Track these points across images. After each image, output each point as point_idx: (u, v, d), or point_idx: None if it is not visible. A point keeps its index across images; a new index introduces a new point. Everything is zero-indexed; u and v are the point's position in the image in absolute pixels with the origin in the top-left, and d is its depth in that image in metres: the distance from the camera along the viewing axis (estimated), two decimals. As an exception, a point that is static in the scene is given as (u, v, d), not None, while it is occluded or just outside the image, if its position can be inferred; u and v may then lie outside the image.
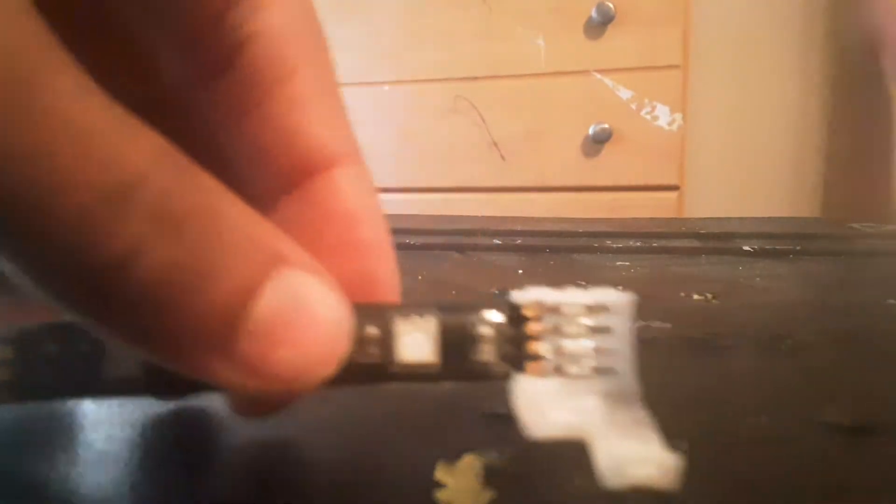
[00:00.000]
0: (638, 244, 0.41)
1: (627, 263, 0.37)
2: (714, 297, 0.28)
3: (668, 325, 0.24)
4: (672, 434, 0.11)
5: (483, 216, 0.66)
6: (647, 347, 0.25)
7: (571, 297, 0.12)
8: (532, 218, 0.59)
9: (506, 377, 0.12)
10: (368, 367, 0.12)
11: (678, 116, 0.85)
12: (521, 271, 0.45)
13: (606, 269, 0.36)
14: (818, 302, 0.30)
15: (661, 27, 0.83)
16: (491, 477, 0.15)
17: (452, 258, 0.42)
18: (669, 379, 0.20)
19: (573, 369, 0.12)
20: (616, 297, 0.12)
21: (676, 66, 0.84)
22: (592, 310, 0.12)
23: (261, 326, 0.10)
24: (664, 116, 0.85)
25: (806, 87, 1.00)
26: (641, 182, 0.86)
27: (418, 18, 0.89)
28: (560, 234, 0.46)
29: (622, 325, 0.12)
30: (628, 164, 0.86)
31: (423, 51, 0.90)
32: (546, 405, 0.12)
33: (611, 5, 0.82)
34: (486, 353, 0.12)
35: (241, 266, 0.10)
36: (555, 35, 0.86)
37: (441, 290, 0.34)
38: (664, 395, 0.13)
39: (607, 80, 0.85)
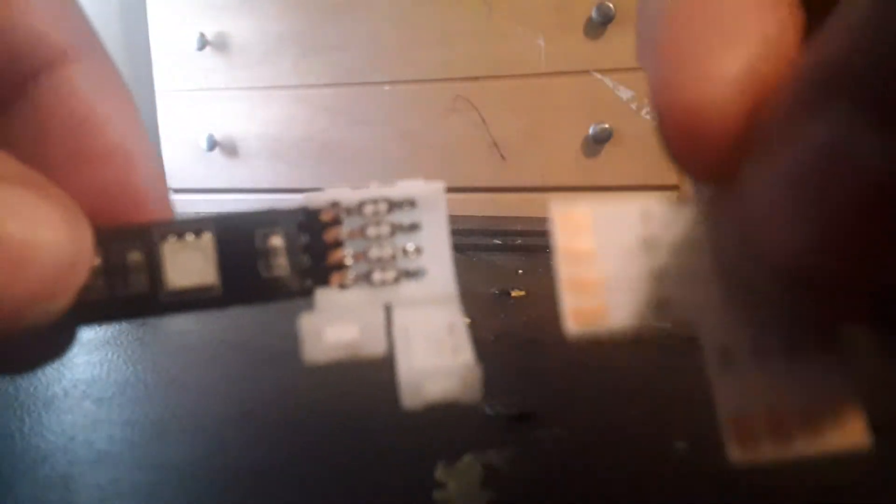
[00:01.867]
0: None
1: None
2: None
3: (667, 324, 0.24)
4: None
5: (483, 216, 0.66)
6: (643, 347, 0.24)
7: (373, 193, 0.11)
8: (532, 218, 0.59)
9: (306, 293, 0.11)
10: (133, 299, 0.10)
11: (678, 116, 0.84)
12: (521, 271, 0.45)
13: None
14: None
15: (661, 27, 0.83)
16: (490, 477, 0.15)
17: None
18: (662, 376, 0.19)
19: (378, 276, 0.11)
20: (424, 188, 0.11)
21: (676, 66, 0.84)
22: (398, 205, 0.11)
23: None
24: (664, 116, 0.84)
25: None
26: (641, 182, 0.86)
27: (418, 18, 0.89)
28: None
29: (433, 218, 0.11)
30: (628, 164, 0.85)
31: (423, 51, 0.90)
32: (326, 324, 0.10)
33: (611, 5, 0.82)
34: (278, 268, 0.11)
35: None
36: (555, 35, 0.86)
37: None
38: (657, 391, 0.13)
39: (607, 80, 0.85)
